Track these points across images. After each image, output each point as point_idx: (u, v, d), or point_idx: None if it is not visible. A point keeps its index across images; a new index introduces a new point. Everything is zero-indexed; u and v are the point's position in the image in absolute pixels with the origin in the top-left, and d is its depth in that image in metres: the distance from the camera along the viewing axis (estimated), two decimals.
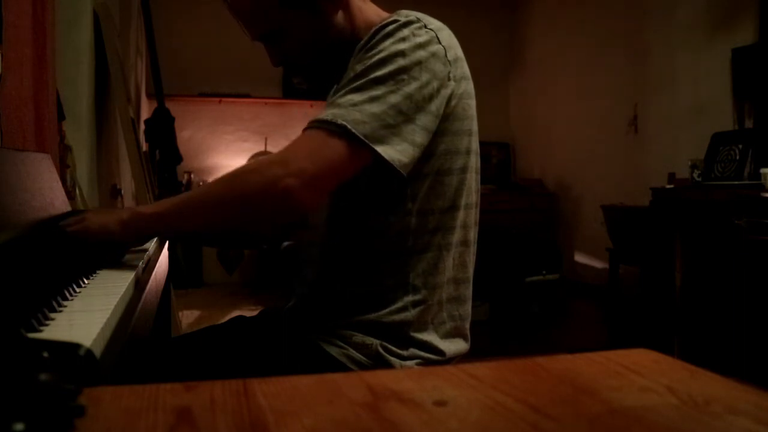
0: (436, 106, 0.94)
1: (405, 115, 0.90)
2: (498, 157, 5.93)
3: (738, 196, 2.69)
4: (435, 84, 0.94)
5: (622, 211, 3.89)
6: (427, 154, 0.98)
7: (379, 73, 0.91)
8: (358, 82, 0.91)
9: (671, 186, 3.60)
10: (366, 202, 1.01)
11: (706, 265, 2.68)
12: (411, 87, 0.91)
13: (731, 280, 2.48)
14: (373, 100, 0.89)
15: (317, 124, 0.89)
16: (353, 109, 0.89)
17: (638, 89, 4.41)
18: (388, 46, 0.93)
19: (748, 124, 3.53)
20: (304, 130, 0.91)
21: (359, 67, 0.93)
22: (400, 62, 0.91)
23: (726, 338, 2.48)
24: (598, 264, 4.76)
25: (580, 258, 5.08)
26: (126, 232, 0.92)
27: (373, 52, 0.93)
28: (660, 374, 0.47)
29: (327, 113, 0.90)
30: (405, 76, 0.91)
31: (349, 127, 0.87)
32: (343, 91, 0.92)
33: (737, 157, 3.30)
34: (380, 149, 0.88)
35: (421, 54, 0.93)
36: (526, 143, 5.93)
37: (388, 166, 0.89)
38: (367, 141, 0.87)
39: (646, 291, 3.54)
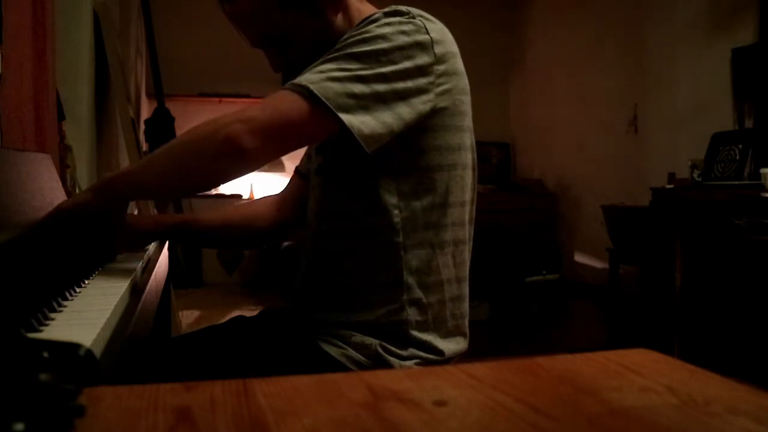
0: (412, 93, 0.93)
1: (374, 90, 0.90)
2: (498, 157, 5.93)
3: (738, 196, 2.69)
4: (414, 72, 0.93)
5: (622, 211, 3.89)
6: (416, 148, 0.97)
7: (356, 50, 0.91)
8: (334, 55, 0.92)
9: (671, 186, 3.60)
10: (351, 198, 1.01)
11: (706, 265, 2.68)
12: (386, 68, 0.91)
13: (731, 280, 2.48)
14: (342, 70, 0.90)
15: (285, 86, 0.91)
16: (321, 75, 0.89)
17: (638, 89, 4.41)
18: (372, 29, 0.93)
19: (748, 124, 3.54)
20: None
21: (339, 45, 0.94)
22: (381, 44, 0.91)
23: (726, 338, 2.48)
24: (598, 264, 4.76)
25: (580, 258, 5.08)
26: (95, 196, 0.92)
27: (357, 32, 0.94)
28: (660, 374, 0.47)
29: (297, 78, 0.91)
30: (383, 58, 0.91)
31: (312, 88, 0.87)
32: (319, 62, 0.93)
33: (737, 157, 3.30)
34: (342, 115, 0.88)
35: (403, 40, 0.93)
36: (526, 143, 5.93)
37: (349, 134, 0.88)
38: (328, 104, 0.87)
39: (646, 291, 3.54)
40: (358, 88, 0.89)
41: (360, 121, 0.88)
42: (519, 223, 5.03)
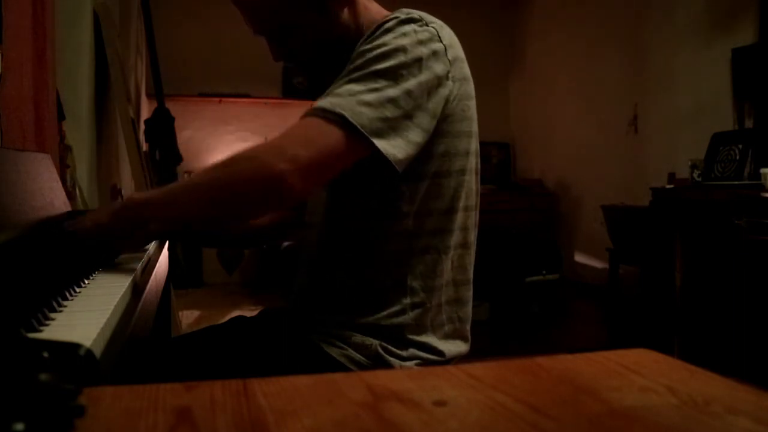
0: (434, 104, 0.94)
1: (402, 110, 0.90)
2: (498, 157, 5.93)
3: (738, 196, 2.69)
4: (434, 82, 0.93)
5: (622, 211, 3.89)
6: (426, 155, 0.97)
7: (379, 66, 0.90)
8: (358, 74, 0.91)
9: (671, 186, 3.60)
10: (362, 203, 1.01)
11: (706, 265, 2.68)
12: (410, 83, 0.91)
13: (731, 280, 2.48)
14: (371, 91, 0.89)
15: (315, 112, 0.89)
16: (351, 98, 0.88)
17: (638, 89, 4.41)
18: (390, 41, 0.92)
19: (748, 124, 3.53)
20: (302, 117, 0.90)
21: (359, 60, 0.93)
22: (401, 58, 0.91)
23: (726, 338, 2.48)
24: (598, 264, 4.76)
25: (580, 258, 5.08)
26: (117, 221, 0.90)
27: (374, 45, 0.93)
28: (660, 374, 0.47)
29: (325, 101, 0.89)
30: (404, 72, 0.91)
31: (347, 116, 0.86)
32: (342, 81, 0.92)
33: (737, 157, 3.30)
34: (377, 142, 0.87)
35: (422, 50, 0.93)
36: (526, 143, 5.93)
37: (383, 159, 0.88)
38: (364, 132, 0.87)
39: (646, 291, 3.54)
40: (390, 110, 0.89)
41: (392, 146, 0.89)
42: (519, 223, 5.04)
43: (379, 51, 0.92)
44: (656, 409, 0.40)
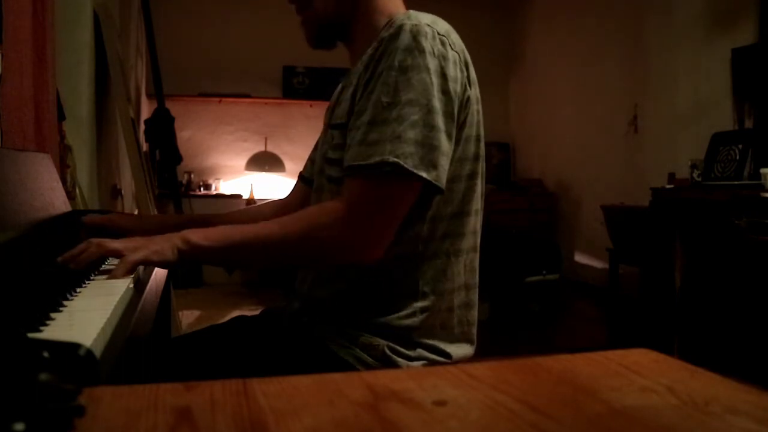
0: (458, 111, 0.96)
1: (441, 131, 0.92)
2: (498, 157, 5.93)
3: (738, 196, 2.69)
4: (459, 91, 0.96)
5: (622, 211, 3.89)
6: None
7: (410, 95, 0.91)
8: (394, 112, 0.91)
9: (671, 186, 3.60)
10: None
11: (706, 265, 2.68)
12: (444, 102, 0.93)
13: (731, 280, 2.48)
14: (413, 126, 0.90)
15: (372, 171, 0.90)
16: (398, 141, 0.90)
17: (638, 89, 4.41)
18: (411, 63, 0.92)
19: (748, 124, 3.54)
20: (356, 174, 0.92)
21: (385, 89, 0.92)
22: (428, 79, 0.92)
23: (726, 338, 2.48)
24: (598, 264, 4.76)
25: (580, 258, 5.08)
26: (182, 260, 0.93)
27: (395, 67, 0.93)
28: (660, 374, 0.47)
29: (374, 150, 0.90)
30: (435, 92, 0.92)
31: (400, 162, 0.89)
32: (381, 123, 0.91)
33: (737, 157, 3.30)
34: (428, 176, 0.90)
35: (443, 66, 0.94)
36: (526, 143, 5.93)
37: (434, 188, 0.92)
38: (416, 171, 0.89)
39: (646, 291, 3.54)
40: (435, 138, 0.91)
41: (441, 172, 0.92)
42: (519, 223, 5.03)
43: (404, 76, 0.92)
44: (656, 409, 0.40)
